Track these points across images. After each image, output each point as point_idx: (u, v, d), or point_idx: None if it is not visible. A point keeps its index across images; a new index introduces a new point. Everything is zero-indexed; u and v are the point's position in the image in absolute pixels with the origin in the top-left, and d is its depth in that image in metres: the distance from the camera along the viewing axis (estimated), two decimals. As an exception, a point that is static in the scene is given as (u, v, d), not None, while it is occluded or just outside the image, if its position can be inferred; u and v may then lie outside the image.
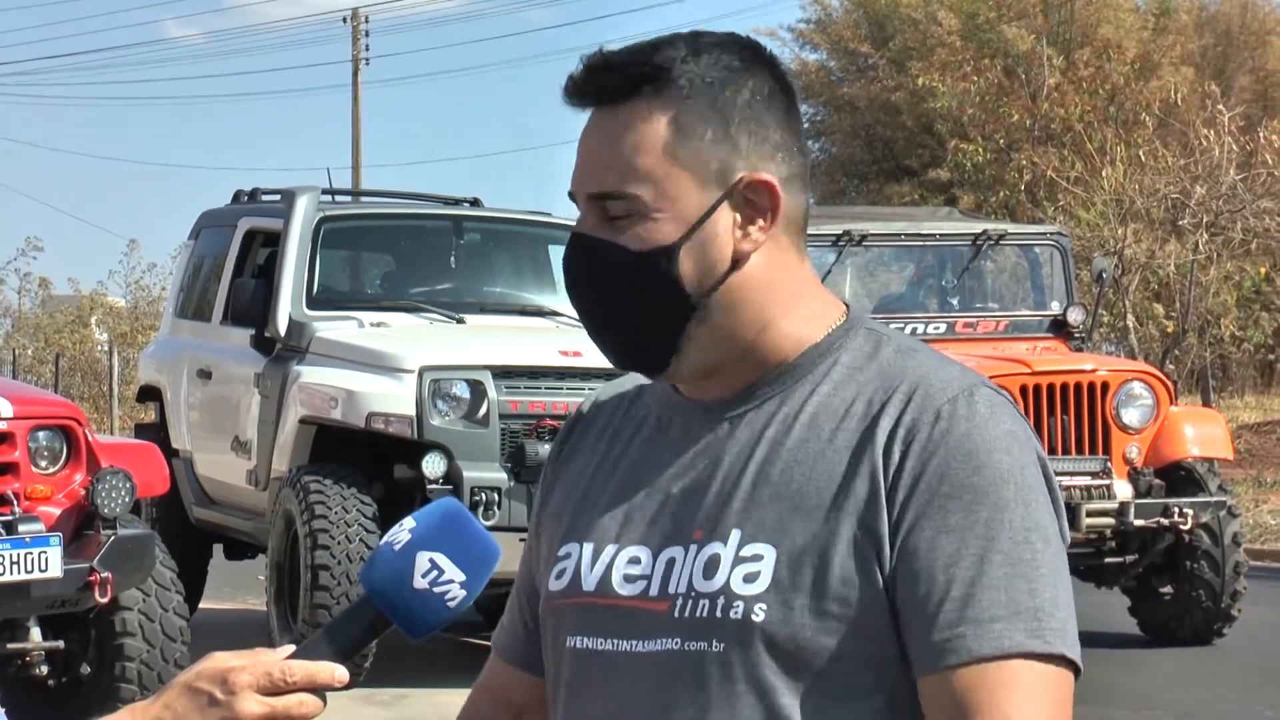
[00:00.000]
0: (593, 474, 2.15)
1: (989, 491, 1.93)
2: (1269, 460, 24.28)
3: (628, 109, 2.01)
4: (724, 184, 2.00)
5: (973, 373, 2.03)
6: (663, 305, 2.00)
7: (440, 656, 12.42)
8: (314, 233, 11.94)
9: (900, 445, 1.95)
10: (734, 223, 2.01)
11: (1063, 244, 13.63)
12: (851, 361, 2.03)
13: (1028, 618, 1.90)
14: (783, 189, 2.03)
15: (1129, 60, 32.05)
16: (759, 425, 2.03)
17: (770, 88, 2.05)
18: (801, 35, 41.05)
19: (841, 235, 13.01)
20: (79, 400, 32.33)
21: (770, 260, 2.03)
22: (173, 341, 13.71)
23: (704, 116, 2.00)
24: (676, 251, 1.99)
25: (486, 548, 2.05)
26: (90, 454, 9.44)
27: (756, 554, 1.96)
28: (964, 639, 1.90)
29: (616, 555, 2.05)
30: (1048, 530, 1.95)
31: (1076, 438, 11.91)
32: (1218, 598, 12.01)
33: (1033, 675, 1.90)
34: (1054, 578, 1.94)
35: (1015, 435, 1.97)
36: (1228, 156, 24.77)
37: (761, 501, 1.98)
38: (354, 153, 45.93)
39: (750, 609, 1.94)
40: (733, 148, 2.01)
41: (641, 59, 2.02)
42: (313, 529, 10.48)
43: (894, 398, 1.98)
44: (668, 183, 1.99)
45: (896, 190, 36.42)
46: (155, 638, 9.51)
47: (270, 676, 1.94)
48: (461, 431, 10.69)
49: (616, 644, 2.02)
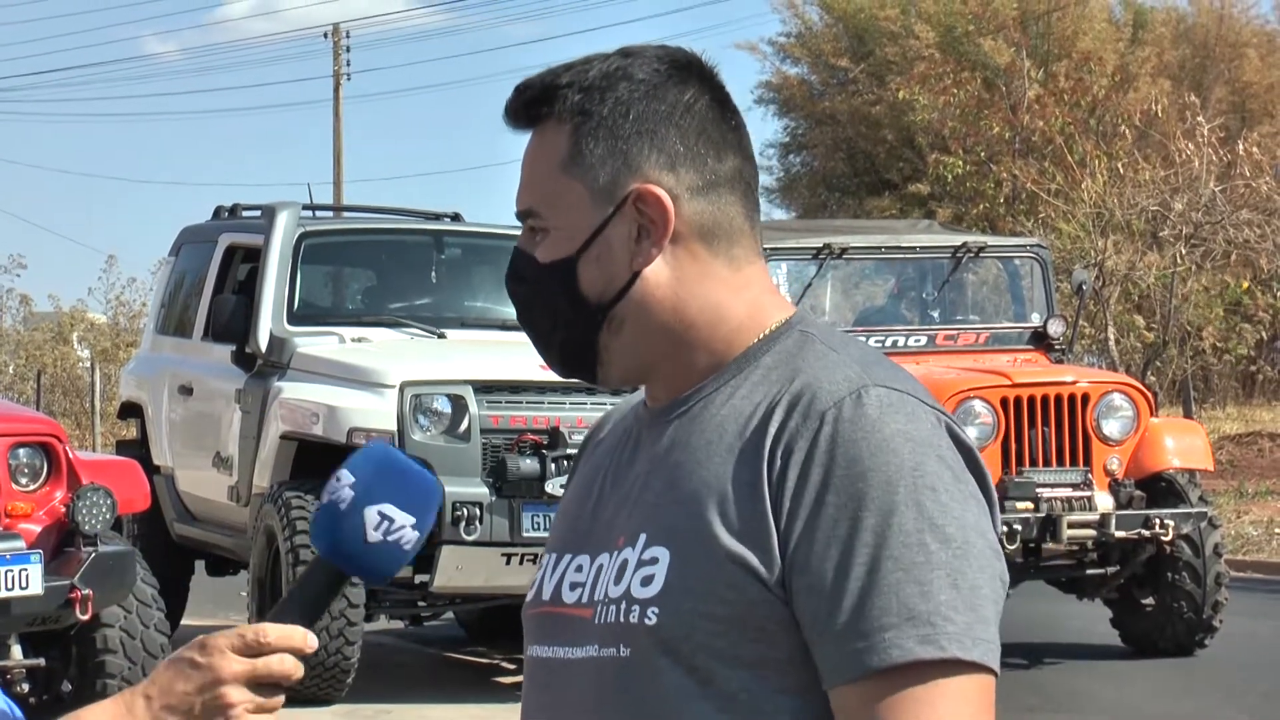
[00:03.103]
0: (577, 489, 2.18)
1: (876, 497, 1.89)
2: (1250, 471, 24.33)
3: (539, 129, 2.07)
4: (613, 198, 2.03)
5: (878, 370, 1.99)
6: (571, 316, 2.05)
7: (422, 671, 12.42)
8: (295, 248, 11.94)
9: (783, 452, 1.93)
10: (629, 236, 2.03)
11: (1043, 256, 13.66)
12: (771, 363, 2.03)
13: (920, 623, 1.85)
14: (687, 200, 2.03)
15: (1109, 72, 32.14)
16: (682, 430, 2.03)
17: (690, 99, 2.05)
18: (782, 49, 41.15)
19: (822, 249, 13.03)
20: (61, 417, 32.29)
21: (679, 271, 2.03)
22: (154, 358, 13.70)
23: (596, 132, 2.03)
24: (574, 264, 2.03)
25: (427, 484, 2.07)
26: (71, 471, 9.43)
27: (654, 557, 1.96)
28: (858, 652, 1.86)
29: (569, 565, 2.08)
30: (947, 529, 1.89)
31: (1057, 449, 11.92)
32: (1199, 609, 12.03)
33: (933, 685, 1.85)
34: (955, 579, 1.87)
35: (908, 434, 1.92)
36: (1207, 168, 24.84)
37: (665, 505, 1.99)
38: (335, 168, 45.92)
39: (645, 613, 1.95)
40: (623, 162, 2.03)
41: (543, 83, 2.07)
42: (294, 545, 10.48)
43: (783, 402, 1.97)
44: (563, 198, 2.04)
45: (877, 203, 36.50)
46: (136, 654, 9.50)
47: (244, 638, 1.97)
48: (443, 446, 10.69)
49: (556, 651, 2.04)
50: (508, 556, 10.54)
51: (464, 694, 11.27)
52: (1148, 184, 25.43)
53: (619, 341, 2.04)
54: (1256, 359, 32.47)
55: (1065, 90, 31.21)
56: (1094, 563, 12.11)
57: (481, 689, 11.55)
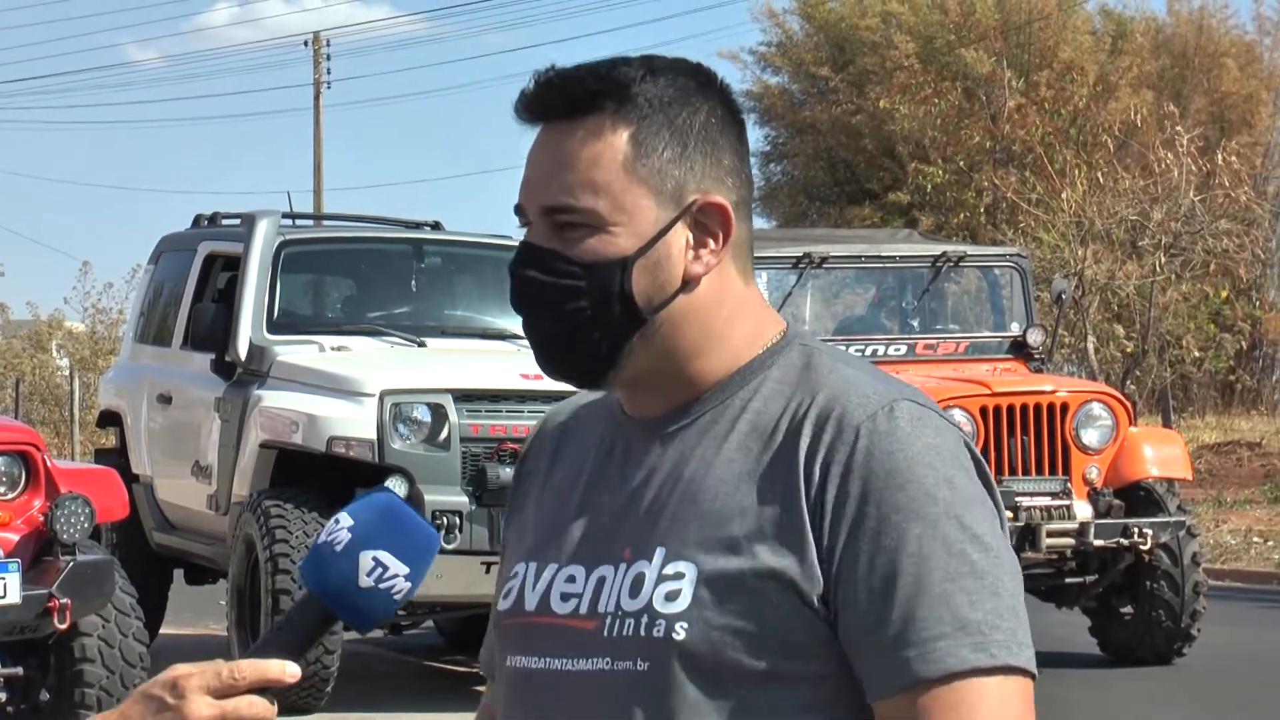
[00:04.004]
0: (548, 494, 2.16)
1: (917, 509, 1.91)
2: (1229, 480, 24.37)
3: (585, 124, 2.02)
4: (679, 204, 2.02)
5: (896, 385, 2.01)
6: (611, 318, 2.01)
7: (401, 680, 12.41)
8: (274, 257, 11.92)
9: (820, 467, 1.94)
10: (686, 243, 2.02)
11: (1022, 265, 13.68)
12: (781, 377, 2.03)
13: (971, 632, 1.89)
14: (735, 214, 2.04)
15: (1090, 82, 32.19)
16: (690, 443, 2.03)
17: (722, 113, 2.07)
18: (763, 58, 41.15)
19: (802, 258, 13.04)
20: (39, 425, 32.20)
21: (717, 283, 2.04)
22: (133, 366, 13.68)
23: (663, 135, 2.01)
24: (631, 266, 2.00)
25: (426, 537, 2.05)
26: (49, 479, 9.41)
27: (678, 572, 1.96)
28: (909, 661, 1.89)
29: (556, 575, 2.06)
30: (985, 539, 1.93)
31: (1036, 458, 11.94)
32: (1178, 618, 12.05)
33: (984, 691, 1.89)
34: (995, 587, 1.91)
35: (937, 448, 1.95)
36: (1186, 178, 24.89)
37: (686, 519, 1.98)
38: (316, 176, 45.88)
39: (671, 627, 1.94)
40: (689, 168, 2.02)
41: (600, 75, 2.03)
42: (274, 553, 10.46)
43: (812, 416, 1.97)
44: (625, 197, 2.00)
45: (858, 213, 36.50)
46: (115, 663, 9.48)
47: (220, 677, 1.95)
48: (423, 455, 10.68)
49: (549, 663, 2.03)
50: (487, 565, 10.53)
51: (444, 702, 11.26)
52: (1127, 193, 25.49)
53: (645, 346, 2.03)
54: (1236, 369, 32.52)
55: (1046, 100, 31.27)
56: (1073, 571, 12.13)
57: (461, 697, 11.54)
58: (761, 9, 41.38)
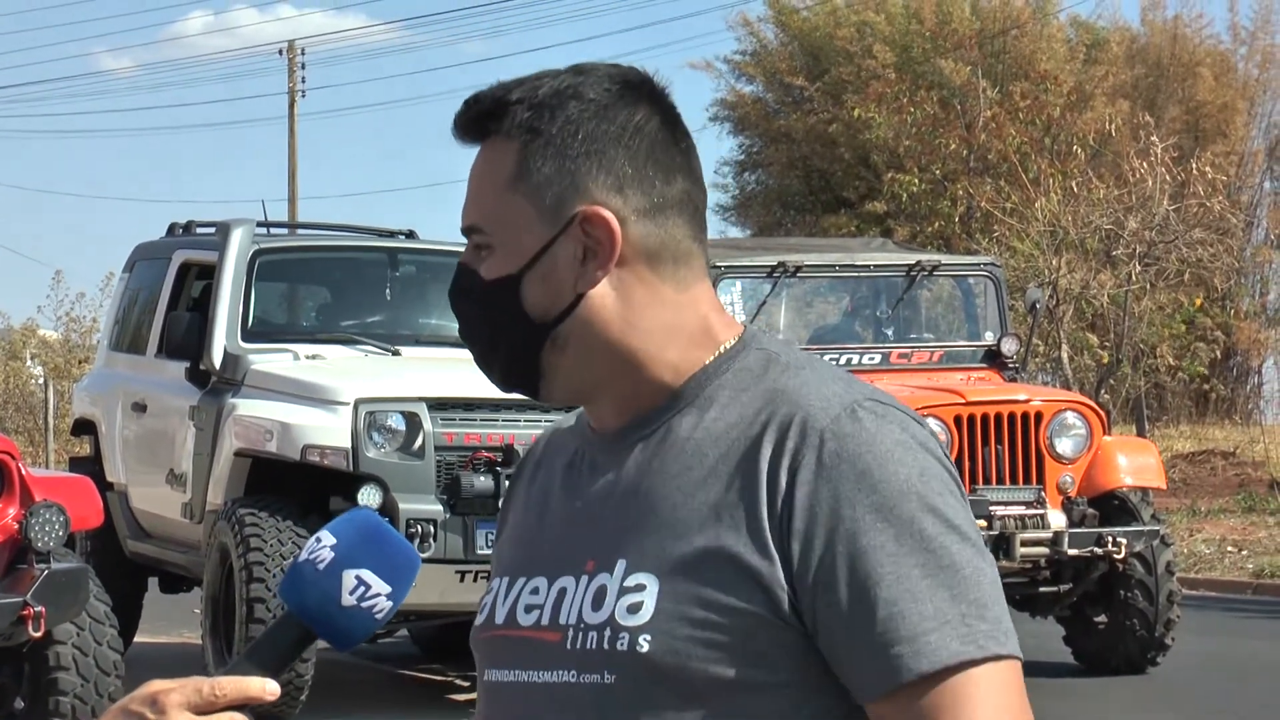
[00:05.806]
0: (524, 510, 2.17)
1: (891, 507, 1.91)
2: (1203, 489, 24.44)
3: (488, 144, 2.06)
4: (560, 217, 2.02)
5: (857, 385, 2.00)
6: (514, 332, 2.04)
7: (376, 688, 12.41)
8: (249, 265, 11.92)
9: (786, 473, 1.94)
10: (574, 256, 2.02)
11: (996, 274, 13.71)
12: (737, 383, 2.02)
13: (957, 624, 1.89)
14: (634, 222, 2.03)
15: (1065, 92, 32.25)
16: (649, 454, 2.03)
17: (640, 121, 2.05)
18: (737, 67, 41.13)
19: (776, 266, 13.05)
20: (13, 434, 32.13)
21: (625, 293, 2.03)
22: (107, 374, 13.66)
23: (543, 151, 2.03)
24: (518, 282, 2.02)
25: (408, 556, 2.05)
26: (23, 488, 9.40)
27: (640, 584, 1.95)
28: (902, 659, 1.88)
29: (524, 588, 2.06)
30: (962, 528, 1.93)
31: (1010, 467, 11.97)
32: (1151, 627, 12.08)
33: (980, 681, 1.89)
34: (976, 577, 1.91)
35: (905, 444, 1.94)
36: (1160, 187, 24.94)
37: (646, 530, 1.98)
38: (290, 185, 45.83)
39: (635, 640, 1.93)
40: (570, 182, 2.02)
41: (495, 96, 2.06)
42: (248, 562, 10.45)
43: (775, 420, 1.97)
44: (509, 216, 2.03)
45: (833, 222, 36.50)
46: (89, 672, 9.46)
47: (201, 693, 1.93)
48: (397, 464, 10.69)
49: (518, 675, 2.03)
50: (462, 574, 10.53)
51: (418, 711, 11.26)
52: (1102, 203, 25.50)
53: (564, 360, 2.03)
54: (1210, 378, 32.59)
55: (1021, 109, 31.30)
56: (1047, 580, 12.15)
57: (435, 706, 11.54)
58: (736, 18, 41.46)
